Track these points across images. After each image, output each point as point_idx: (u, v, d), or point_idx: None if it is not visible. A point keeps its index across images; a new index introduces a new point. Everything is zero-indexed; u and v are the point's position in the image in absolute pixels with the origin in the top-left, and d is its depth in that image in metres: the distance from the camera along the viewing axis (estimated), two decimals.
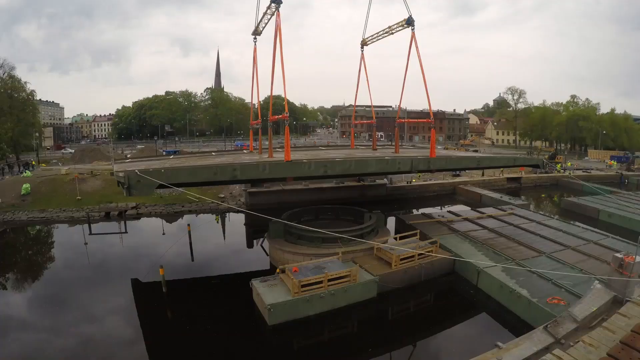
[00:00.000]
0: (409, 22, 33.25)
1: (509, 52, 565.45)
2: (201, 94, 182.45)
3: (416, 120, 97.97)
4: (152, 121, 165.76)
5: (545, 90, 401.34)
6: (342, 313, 22.42)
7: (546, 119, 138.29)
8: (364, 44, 40.77)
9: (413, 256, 26.42)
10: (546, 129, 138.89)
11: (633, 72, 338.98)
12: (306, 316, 21.49)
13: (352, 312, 22.72)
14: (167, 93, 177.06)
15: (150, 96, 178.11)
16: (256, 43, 36.82)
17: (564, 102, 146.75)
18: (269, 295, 21.50)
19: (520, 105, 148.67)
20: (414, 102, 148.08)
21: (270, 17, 31.70)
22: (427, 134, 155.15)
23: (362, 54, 41.37)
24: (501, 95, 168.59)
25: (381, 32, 37.80)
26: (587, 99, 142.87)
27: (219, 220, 47.19)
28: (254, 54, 37.31)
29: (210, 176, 26.79)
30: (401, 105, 45.14)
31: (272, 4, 29.25)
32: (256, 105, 42.05)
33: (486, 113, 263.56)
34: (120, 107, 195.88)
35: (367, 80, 42.57)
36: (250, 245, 38.88)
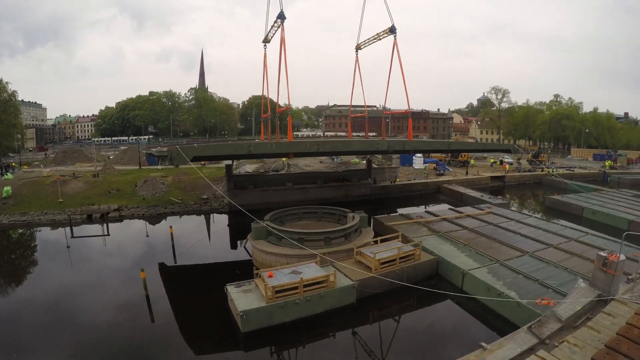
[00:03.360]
0: (392, 30, 39.13)
1: (553, 33, 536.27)
2: (185, 94, 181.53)
3: (398, 111, 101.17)
4: (135, 122, 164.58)
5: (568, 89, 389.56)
6: (319, 319, 21.85)
7: (529, 118, 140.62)
8: (358, 48, 44.99)
9: (394, 260, 25.89)
10: (529, 128, 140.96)
11: None
12: (281, 323, 20.88)
13: (330, 319, 22.12)
14: (151, 93, 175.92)
15: (134, 96, 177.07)
16: (266, 50, 43.10)
17: (547, 102, 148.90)
18: (242, 301, 20.87)
19: (504, 105, 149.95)
20: (402, 101, 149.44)
21: (277, 29, 37.58)
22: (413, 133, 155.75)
23: (357, 57, 45.72)
24: (485, 94, 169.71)
25: (371, 38, 42.82)
26: (570, 98, 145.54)
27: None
28: (264, 59, 43.47)
29: (231, 151, 35.55)
30: (386, 105, 49.02)
31: (278, 19, 35.38)
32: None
33: (470, 112, 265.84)
34: (103, 108, 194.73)
35: (361, 82, 48.23)
36: (233, 246, 38.51)
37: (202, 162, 67.25)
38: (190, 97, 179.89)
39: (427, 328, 22.64)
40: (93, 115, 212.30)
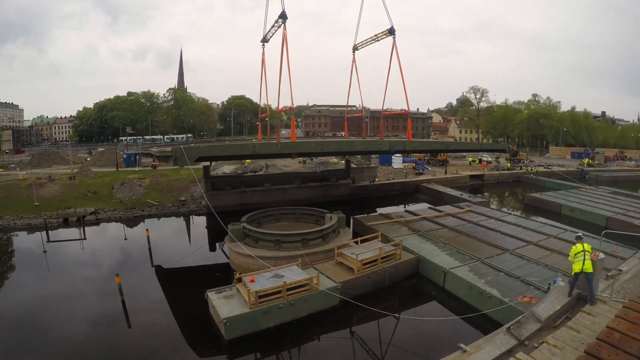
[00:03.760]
0: (391, 31, 39.41)
1: (539, 32, 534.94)
2: (164, 94, 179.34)
3: (394, 112, 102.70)
4: (113, 122, 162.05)
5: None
6: (304, 323, 21.38)
7: (508, 117, 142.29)
8: (355, 48, 45.37)
9: (376, 260, 25.57)
10: (508, 127, 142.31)
11: None
12: (265, 328, 20.32)
13: (314, 322, 21.68)
14: (129, 94, 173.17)
15: (112, 97, 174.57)
16: (264, 49, 43.52)
17: (526, 101, 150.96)
18: (224, 308, 20.10)
19: (483, 104, 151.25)
20: (380, 100, 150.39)
21: (277, 29, 37.89)
22: (391, 133, 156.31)
23: (354, 57, 46.19)
24: (464, 94, 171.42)
25: (369, 39, 43.05)
26: (548, 97, 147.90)
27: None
28: (262, 57, 43.94)
29: (236, 151, 36.31)
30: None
31: (280, 19, 35.53)
32: (264, 103, 49.89)
33: (449, 112, 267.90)
34: (81, 109, 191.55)
35: (359, 83, 48.66)
36: (212, 248, 37.64)
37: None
38: (169, 98, 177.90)
39: (412, 328, 22.21)
40: (71, 116, 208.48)
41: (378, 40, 41.99)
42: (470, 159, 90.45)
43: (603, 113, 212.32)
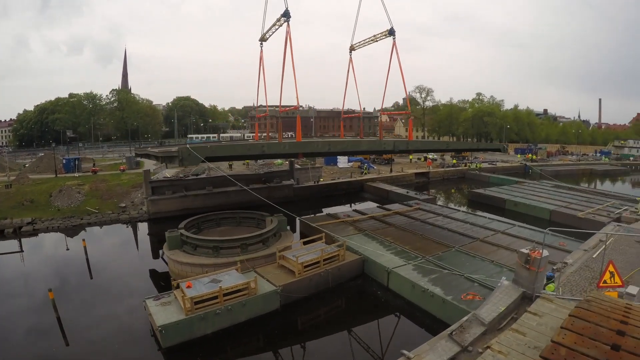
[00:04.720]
0: (391, 32, 40.71)
1: (514, 26, 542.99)
2: (107, 95, 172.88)
3: (397, 112, 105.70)
4: (54, 126, 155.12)
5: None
6: (243, 329, 20.70)
7: (453, 116, 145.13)
8: (352, 49, 46.61)
9: (318, 262, 25.02)
10: (453, 125, 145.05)
11: None
12: (203, 335, 19.61)
13: (254, 327, 21.04)
14: (71, 95, 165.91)
15: (53, 98, 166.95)
16: (262, 48, 45.16)
17: (470, 100, 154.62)
18: (160, 315, 19.37)
19: (428, 103, 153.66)
20: (329, 100, 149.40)
21: (279, 28, 38.83)
22: (337, 132, 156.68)
23: (351, 58, 47.75)
24: (410, 93, 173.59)
25: (367, 40, 44.15)
26: (492, 96, 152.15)
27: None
28: (260, 54, 45.46)
29: (244, 151, 37.21)
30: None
31: (282, 18, 36.46)
32: (263, 103, 52.42)
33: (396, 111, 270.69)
34: (22, 112, 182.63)
35: (355, 82, 50.89)
36: (155, 256, 35.98)
37: (121, 168, 64.80)
38: (112, 99, 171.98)
39: (355, 330, 21.80)
40: (11, 119, 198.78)
41: (377, 41, 42.76)
42: (411, 157, 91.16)
43: (545, 111, 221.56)
